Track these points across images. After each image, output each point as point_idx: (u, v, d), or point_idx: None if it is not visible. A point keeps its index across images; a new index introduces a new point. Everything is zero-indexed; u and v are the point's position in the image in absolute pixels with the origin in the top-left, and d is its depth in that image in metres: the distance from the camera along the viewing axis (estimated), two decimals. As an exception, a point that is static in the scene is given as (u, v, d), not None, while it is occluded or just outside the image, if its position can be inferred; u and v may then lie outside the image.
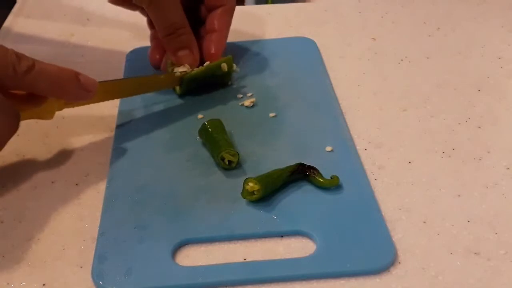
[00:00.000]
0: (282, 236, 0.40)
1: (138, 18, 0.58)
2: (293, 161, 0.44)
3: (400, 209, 0.42)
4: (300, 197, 0.43)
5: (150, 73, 0.56)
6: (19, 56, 0.41)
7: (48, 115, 0.45)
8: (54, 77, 0.43)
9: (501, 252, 0.39)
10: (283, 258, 0.39)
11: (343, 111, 0.52)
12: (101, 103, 0.49)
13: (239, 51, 0.60)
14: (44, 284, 0.38)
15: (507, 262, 0.38)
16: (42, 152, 0.48)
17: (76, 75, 0.45)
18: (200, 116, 0.51)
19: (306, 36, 0.63)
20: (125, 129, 0.50)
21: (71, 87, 0.44)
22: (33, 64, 0.42)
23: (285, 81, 0.56)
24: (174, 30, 0.53)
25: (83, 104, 0.48)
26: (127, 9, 0.57)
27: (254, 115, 0.52)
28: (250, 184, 0.42)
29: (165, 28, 0.53)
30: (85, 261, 0.39)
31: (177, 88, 0.54)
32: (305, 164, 0.44)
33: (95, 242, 0.40)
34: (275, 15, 0.68)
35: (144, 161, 0.47)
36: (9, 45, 0.41)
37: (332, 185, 0.43)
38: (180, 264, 0.38)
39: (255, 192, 0.42)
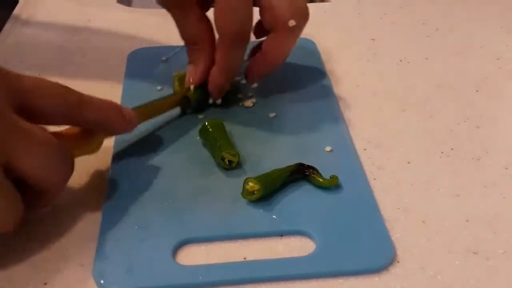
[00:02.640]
0: (281, 236, 0.40)
1: (139, 19, 0.58)
2: (293, 161, 0.44)
3: (399, 208, 0.43)
4: (300, 197, 0.43)
5: (150, 74, 0.56)
6: (67, 88, 0.41)
7: (96, 149, 0.44)
8: (100, 108, 0.43)
9: (499, 252, 0.39)
10: (282, 257, 0.39)
11: (343, 111, 0.52)
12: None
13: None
14: (45, 284, 0.38)
15: (506, 262, 0.39)
16: (43, 152, 0.48)
17: (118, 106, 0.45)
18: (200, 116, 0.51)
19: (306, 36, 0.63)
20: (126, 129, 0.50)
21: (116, 118, 0.44)
22: (80, 95, 0.42)
23: (285, 81, 0.56)
24: (191, 43, 0.51)
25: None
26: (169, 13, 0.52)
27: (254, 115, 0.52)
28: (250, 184, 0.42)
29: (183, 38, 0.51)
30: (86, 260, 0.39)
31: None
32: (305, 164, 0.44)
33: (96, 242, 0.40)
34: (275, 16, 0.68)
35: (144, 161, 0.47)
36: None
37: (332, 185, 0.43)
38: (181, 263, 0.39)
39: (255, 192, 0.42)
